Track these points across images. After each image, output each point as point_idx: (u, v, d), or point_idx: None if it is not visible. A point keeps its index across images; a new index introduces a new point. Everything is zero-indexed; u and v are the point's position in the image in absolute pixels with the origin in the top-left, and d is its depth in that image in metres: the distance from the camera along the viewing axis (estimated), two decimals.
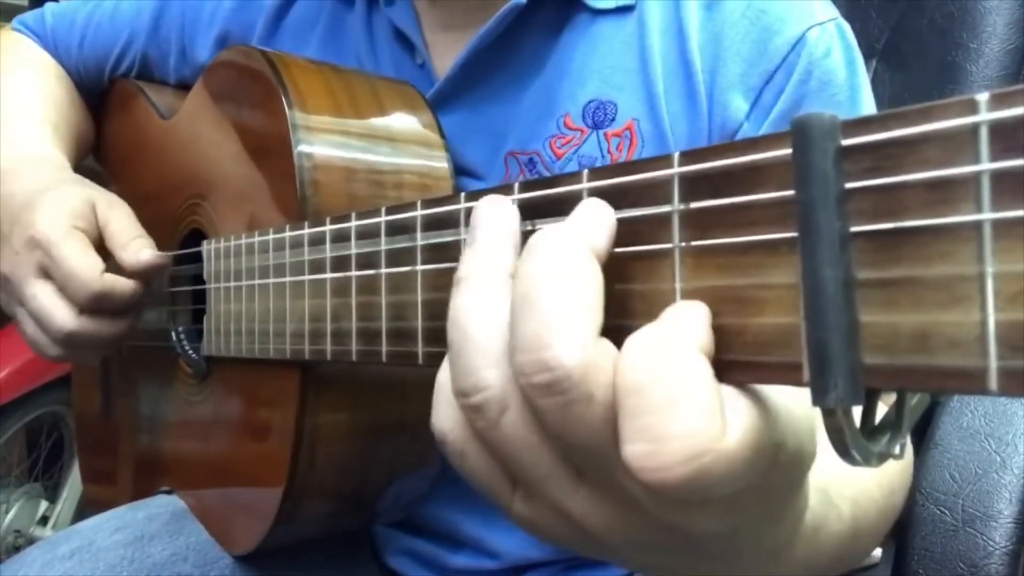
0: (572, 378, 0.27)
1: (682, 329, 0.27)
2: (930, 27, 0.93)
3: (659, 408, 0.26)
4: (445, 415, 0.33)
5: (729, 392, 0.27)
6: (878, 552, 0.87)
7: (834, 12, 0.68)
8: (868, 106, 0.68)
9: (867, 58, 0.71)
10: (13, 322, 0.80)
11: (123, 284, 0.73)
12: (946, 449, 0.67)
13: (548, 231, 0.30)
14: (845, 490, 0.45)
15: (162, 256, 0.75)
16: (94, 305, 0.72)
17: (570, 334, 0.27)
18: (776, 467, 0.28)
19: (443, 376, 0.33)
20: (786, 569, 0.37)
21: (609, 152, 0.69)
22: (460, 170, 0.71)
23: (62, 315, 0.72)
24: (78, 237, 0.73)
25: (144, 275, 0.74)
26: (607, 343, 0.28)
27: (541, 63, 0.71)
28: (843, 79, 0.66)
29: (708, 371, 0.26)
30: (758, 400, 0.27)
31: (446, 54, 0.74)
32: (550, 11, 0.71)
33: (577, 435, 0.28)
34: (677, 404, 0.26)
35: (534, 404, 0.28)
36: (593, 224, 0.30)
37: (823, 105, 0.66)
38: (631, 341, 0.27)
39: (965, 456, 0.66)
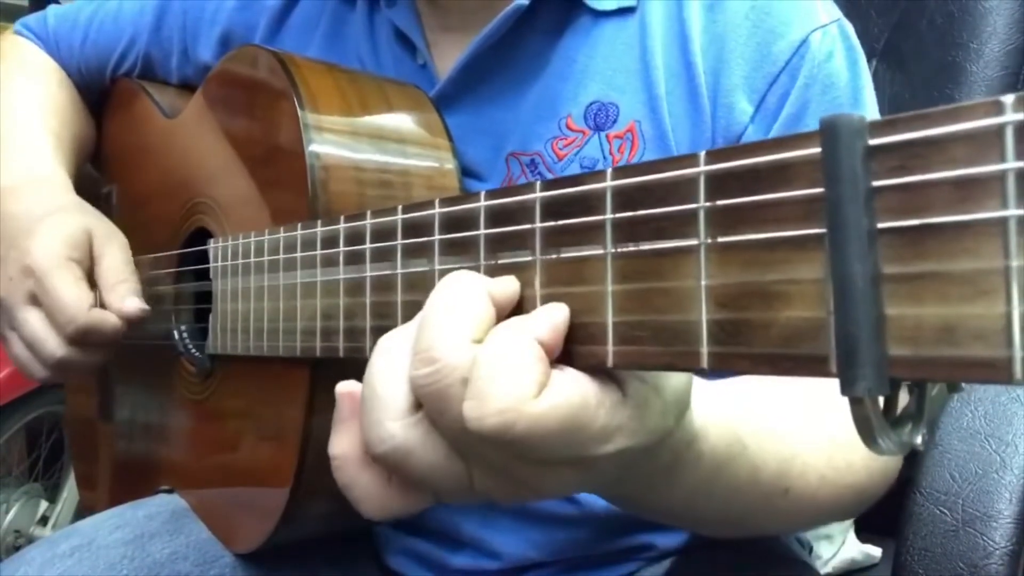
0: (447, 365, 0.34)
1: (527, 320, 0.35)
2: (930, 27, 0.94)
3: (488, 375, 0.33)
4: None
5: (560, 374, 0.34)
6: (878, 552, 0.88)
7: (837, 13, 0.69)
8: (871, 107, 0.69)
9: (867, 58, 0.71)
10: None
11: (109, 320, 0.75)
12: (946, 449, 0.68)
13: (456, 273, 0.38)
14: (768, 443, 0.50)
15: (144, 308, 0.77)
16: (80, 337, 0.74)
17: (448, 335, 0.35)
18: (604, 447, 0.35)
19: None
20: (681, 494, 0.45)
21: (611, 154, 0.69)
22: (462, 170, 0.71)
23: (52, 343, 0.75)
24: (70, 269, 0.75)
25: (126, 320, 0.76)
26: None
27: (543, 64, 0.72)
28: (846, 82, 0.67)
29: (534, 352, 0.34)
30: (584, 388, 0.34)
31: (447, 55, 0.75)
32: (552, 13, 0.71)
33: (448, 417, 0.35)
34: (499, 371, 0.33)
35: (419, 394, 0.36)
36: (502, 280, 0.37)
37: (826, 108, 0.66)
38: (494, 328, 0.35)
39: (965, 456, 0.67)
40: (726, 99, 0.67)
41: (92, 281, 0.76)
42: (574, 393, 0.34)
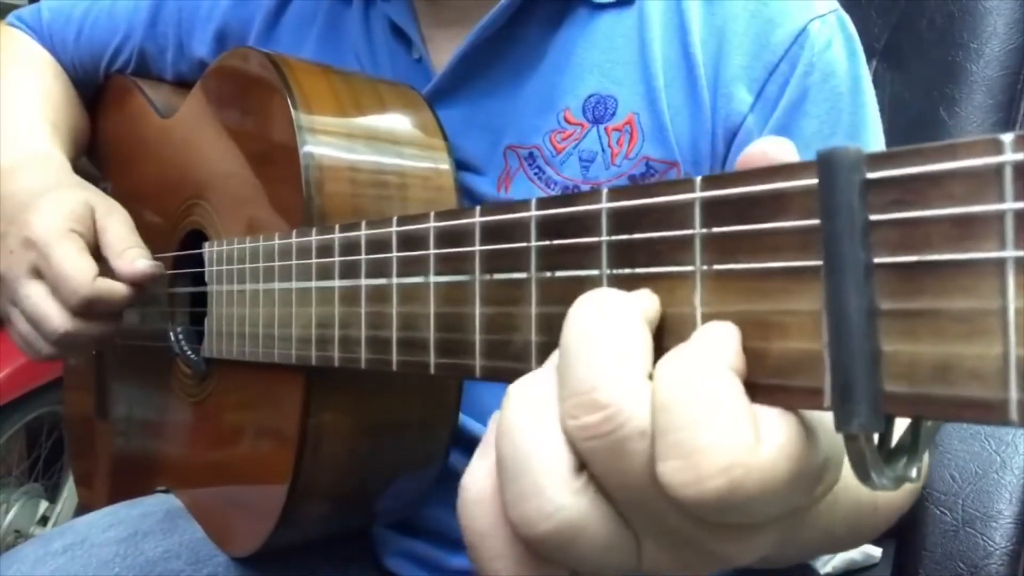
0: (621, 410, 0.27)
1: (710, 348, 0.27)
2: (930, 27, 0.93)
3: (688, 423, 0.26)
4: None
5: (763, 410, 0.27)
6: (878, 552, 0.88)
7: (834, 4, 0.69)
8: (869, 96, 0.69)
9: (867, 58, 0.71)
10: (3, 319, 0.80)
11: (116, 289, 0.74)
12: (946, 449, 0.68)
13: (599, 291, 0.30)
14: None
15: (157, 265, 0.76)
16: (85, 309, 0.73)
17: (620, 374, 0.27)
18: (821, 485, 0.28)
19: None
20: (808, 532, 0.38)
21: (609, 146, 0.69)
22: (459, 164, 0.71)
23: (56, 316, 0.73)
24: (73, 240, 0.74)
25: (139, 283, 0.75)
26: None
27: (540, 57, 0.72)
28: (845, 70, 0.67)
29: (737, 387, 0.26)
30: (795, 419, 0.27)
31: (443, 48, 0.74)
32: (549, 5, 0.71)
33: (627, 478, 0.28)
34: (706, 418, 0.26)
35: (581, 449, 0.28)
36: (643, 295, 0.30)
37: (827, 96, 0.66)
38: (662, 362, 0.27)
39: (965, 456, 0.67)
40: (725, 89, 0.67)
41: (95, 255, 0.75)
42: (793, 430, 0.26)
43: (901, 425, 0.27)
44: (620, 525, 0.29)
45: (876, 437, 0.26)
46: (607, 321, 0.29)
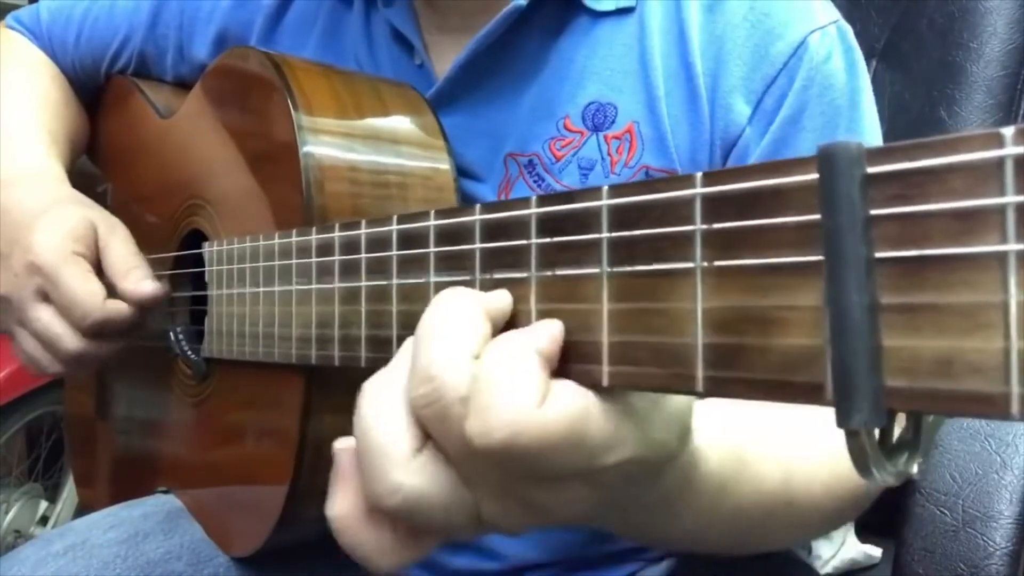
0: (446, 382, 0.33)
1: (526, 333, 0.34)
2: (930, 27, 0.94)
3: (489, 388, 0.32)
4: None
5: (562, 384, 0.33)
6: (878, 552, 0.88)
7: (835, 14, 0.69)
8: (869, 109, 0.69)
9: (867, 58, 0.71)
10: (8, 338, 0.80)
11: (124, 310, 0.74)
12: (946, 449, 0.68)
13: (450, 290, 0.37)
14: (768, 458, 0.50)
15: (161, 287, 0.76)
16: (97, 331, 0.73)
17: (445, 351, 0.34)
18: (609, 456, 0.34)
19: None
20: (690, 518, 0.44)
21: (609, 155, 0.69)
22: (459, 171, 0.71)
23: (68, 338, 0.74)
24: (78, 263, 0.74)
25: (143, 305, 0.75)
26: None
27: (541, 65, 0.72)
28: (844, 83, 0.67)
29: (535, 362, 0.33)
30: (590, 399, 0.33)
31: (445, 55, 0.74)
32: (550, 13, 0.71)
33: (454, 439, 0.34)
34: (503, 384, 0.32)
35: (421, 417, 0.35)
36: (496, 294, 0.37)
37: (824, 110, 0.66)
38: (488, 344, 0.34)
39: (965, 456, 0.67)
40: (724, 100, 0.66)
41: (99, 274, 0.76)
42: (577, 401, 0.33)
43: (902, 418, 0.27)
44: (457, 486, 0.35)
45: (877, 432, 0.26)
46: (450, 315, 0.35)
